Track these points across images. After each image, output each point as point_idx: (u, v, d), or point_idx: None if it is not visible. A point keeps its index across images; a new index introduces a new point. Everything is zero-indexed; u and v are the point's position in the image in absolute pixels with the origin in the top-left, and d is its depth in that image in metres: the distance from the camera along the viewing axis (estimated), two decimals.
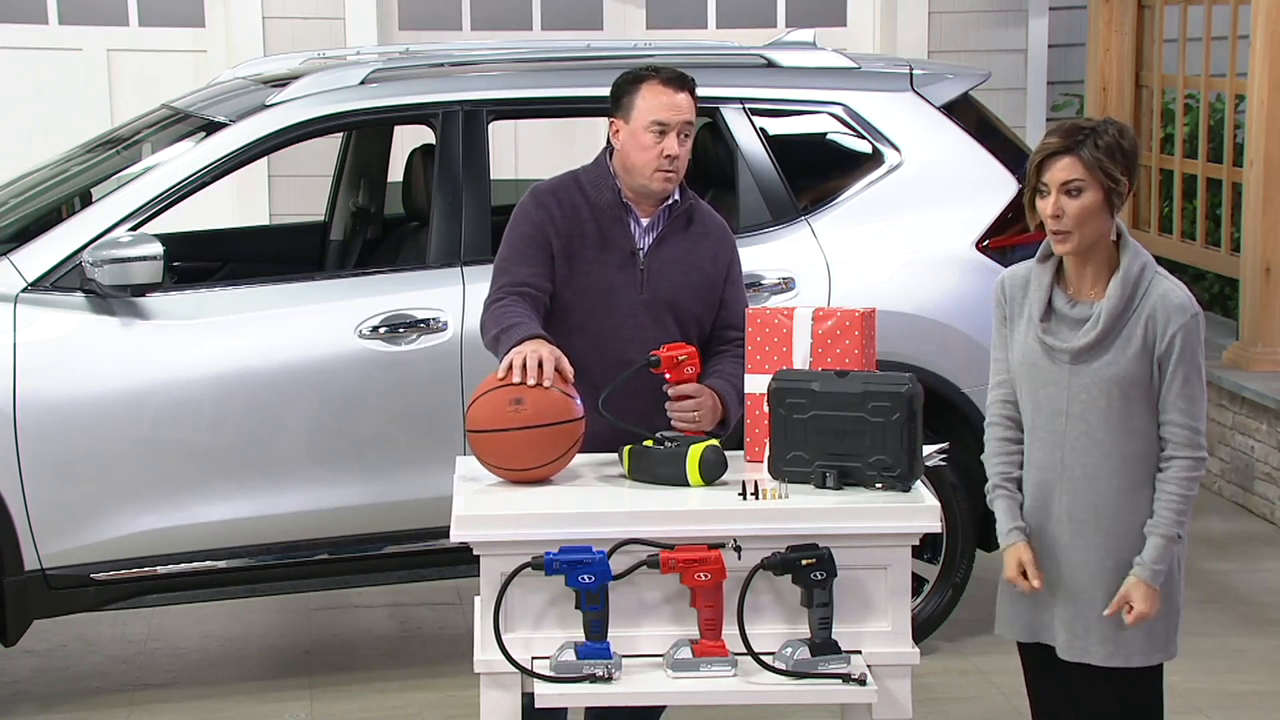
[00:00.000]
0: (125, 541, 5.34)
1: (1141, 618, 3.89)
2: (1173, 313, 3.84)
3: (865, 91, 6.04)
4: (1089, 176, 3.82)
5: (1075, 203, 3.82)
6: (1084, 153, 3.81)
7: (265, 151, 5.66)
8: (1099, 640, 3.94)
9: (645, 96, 4.41)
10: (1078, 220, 3.83)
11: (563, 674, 3.75)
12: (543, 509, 3.91)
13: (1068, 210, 3.83)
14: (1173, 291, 3.86)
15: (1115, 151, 3.83)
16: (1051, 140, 3.86)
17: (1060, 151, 3.83)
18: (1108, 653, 3.95)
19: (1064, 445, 3.93)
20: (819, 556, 3.81)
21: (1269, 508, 7.53)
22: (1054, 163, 3.84)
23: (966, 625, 6.09)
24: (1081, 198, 3.82)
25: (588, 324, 4.45)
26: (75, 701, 5.68)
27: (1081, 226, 3.83)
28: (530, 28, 9.68)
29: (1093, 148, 3.81)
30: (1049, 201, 3.84)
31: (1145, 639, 3.95)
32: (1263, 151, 7.70)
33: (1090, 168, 3.81)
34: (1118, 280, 3.86)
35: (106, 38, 9.31)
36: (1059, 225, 3.84)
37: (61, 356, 5.29)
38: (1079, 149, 3.82)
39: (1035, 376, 3.95)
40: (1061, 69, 9.73)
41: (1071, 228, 3.83)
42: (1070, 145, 3.83)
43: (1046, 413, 3.94)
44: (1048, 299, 3.94)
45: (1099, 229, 3.86)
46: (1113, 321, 3.85)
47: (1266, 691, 5.72)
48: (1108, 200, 3.84)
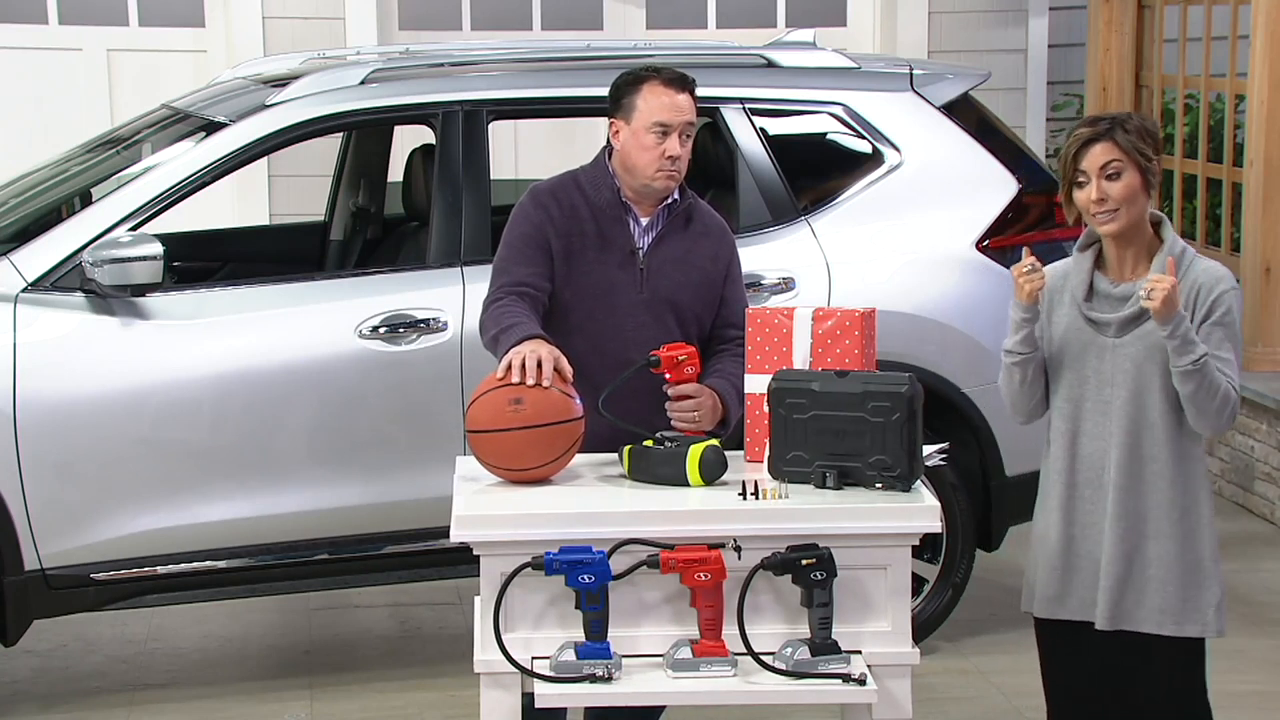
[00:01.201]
0: (125, 541, 5.34)
1: (1155, 286, 3.87)
2: (1215, 281, 3.98)
3: (865, 91, 6.04)
4: (1126, 157, 3.96)
5: (1117, 184, 3.96)
6: (1117, 136, 3.96)
7: (265, 151, 5.66)
8: (1153, 609, 4.02)
9: (646, 97, 4.41)
10: (1123, 199, 3.96)
11: (563, 674, 3.75)
12: (543, 509, 3.91)
13: (1111, 193, 3.96)
14: (1214, 266, 4.01)
15: (1144, 133, 3.98)
16: (1082, 131, 4.00)
17: (1093, 139, 3.97)
18: (1158, 621, 4.02)
19: (1111, 414, 4.03)
20: (819, 556, 3.81)
21: (1269, 508, 7.53)
22: (1089, 150, 3.98)
23: (966, 625, 6.09)
24: (1122, 179, 3.96)
25: (587, 324, 4.45)
26: (75, 701, 5.68)
27: (1127, 206, 3.96)
28: (530, 28, 9.68)
29: (1123, 131, 3.96)
30: (1090, 188, 3.97)
31: (1195, 610, 4.02)
32: (1263, 151, 7.70)
33: (1126, 150, 3.95)
34: (1161, 256, 3.99)
35: (106, 38, 9.31)
36: (1104, 207, 3.97)
37: (61, 356, 5.29)
38: (1111, 134, 3.97)
39: (1080, 352, 4.07)
40: (1061, 69, 9.73)
41: (1118, 206, 3.96)
42: (1101, 132, 3.98)
43: (1094, 384, 4.05)
44: (1089, 282, 4.07)
45: (1140, 209, 3.99)
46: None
47: (1266, 691, 5.72)
48: (1145, 180, 3.97)
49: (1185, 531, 4.02)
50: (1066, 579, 4.11)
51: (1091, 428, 4.07)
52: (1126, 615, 4.05)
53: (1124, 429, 4.02)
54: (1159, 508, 4.02)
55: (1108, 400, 4.03)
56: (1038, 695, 5.41)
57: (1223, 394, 3.92)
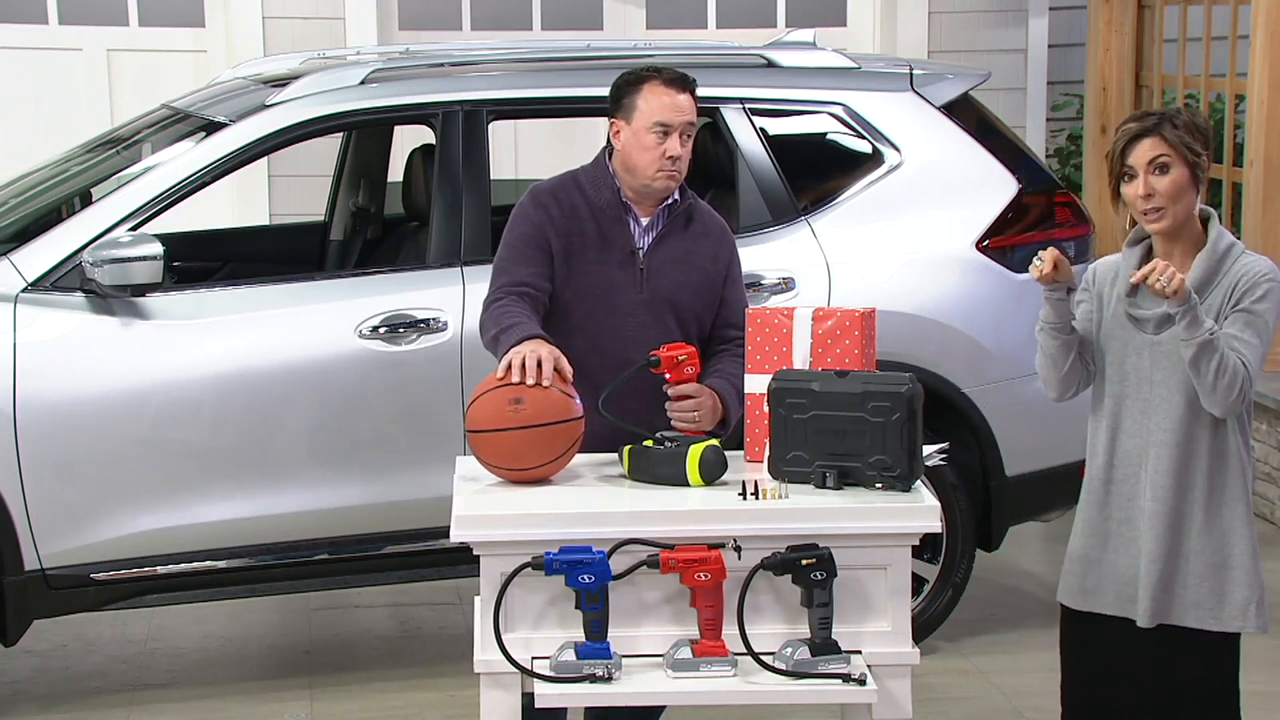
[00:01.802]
0: (125, 541, 5.34)
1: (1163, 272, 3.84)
2: (1258, 275, 3.96)
3: (865, 91, 6.04)
4: (1174, 153, 3.94)
5: (1165, 179, 3.94)
6: (1166, 131, 3.94)
7: (265, 151, 5.66)
8: (1193, 604, 4.03)
9: (647, 98, 4.41)
10: (1170, 196, 3.94)
11: (563, 674, 3.75)
12: (543, 509, 3.91)
13: (1158, 188, 3.94)
14: (1258, 260, 3.99)
15: (1193, 129, 3.95)
16: (1130, 125, 3.98)
17: (1142, 134, 3.95)
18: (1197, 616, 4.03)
19: (1151, 411, 4.03)
20: (819, 556, 3.81)
21: (1269, 508, 7.53)
22: (1137, 145, 3.96)
23: (966, 625, 6.09)
24: (1170, 173, 3.94)
25: (588, 324, 4.45)
26: (75, 701, 5.68)
27: (1174, 202, 3.94)
28: (530, 28, 9.68)
29: (1171, 127, 3.94)
30: (1138, 183, 3.95)
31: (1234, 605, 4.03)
32: (1263, 151, 7.70)
33: (1174, 145, 3.93)
34: (1204, 253, 3.98)
35: (106, 38, 9.31)
36: (1151, 204, 3.95)
37: (61, 356, 5.29)
38: (1160, 128, 3.94)
39: (1122, 347, 4.06)
40: (1061, 69, 9.73)
41: (1165, 204, 3.94)
42: (1150, 127, 3.95)
43: (1134, 381, 4.04)
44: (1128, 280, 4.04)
45: (1189, 206, 3.97)
46: (1197, 289, 3.94)
47: (1266, 691, 5.71)
48: (1193, 175, 3.95)
49: (1223, 528, 4.02)
50: (1103, 573, 4.12)
51: (1131, 425, 4.06)
52: (1167, 611, 4.06)
53: (1164, 426, 4.01)
54: (1198, 504, 4.02)
55: (1147, 398, 4.03)
56: (1038, 695, 5.41)
57: (1231, 372, 3.89)
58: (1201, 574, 4.03)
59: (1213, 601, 4.04)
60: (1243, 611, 4.04)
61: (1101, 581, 4.13)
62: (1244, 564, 4.04)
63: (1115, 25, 9.13)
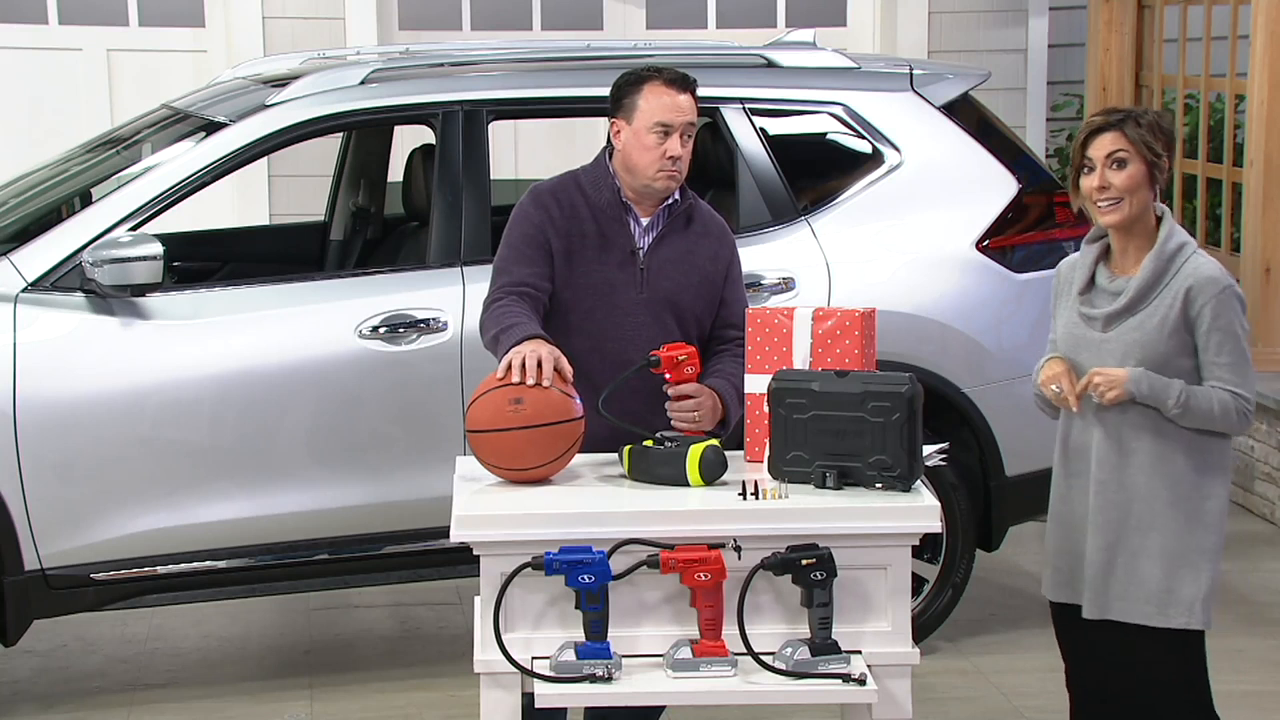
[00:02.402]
0: (125, 541, 5.34)
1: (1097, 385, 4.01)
2: (1204, 285, 4.02)
3: (865, 91, 6.04)
4: (1133, 149, 4.04)
5: (1121, 174, 4.05)
6: (1127, 128, 4.05)
7: (265, 151, 5.66)
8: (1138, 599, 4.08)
9: (648, 98, 4.41)
10: (1125, 189, 4.04)
11: (563, 674, 3.75)
12: (543, 509, 3.91)
13: (1114, 181, 4.05)
14: (1205, 266, 4.05)
15: (1156, 129, 4.06)
16: (1095, 119, 4.11)
17: (1104, 128, 4.07)
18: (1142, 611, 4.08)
19: (1093, 408, 4.10)
20: (819, 556, 3.81)
21: (1269, 508, 7.53)
22: (1098, 138, 4.08)
23: (966, 625, 6.09)
24: (1127, 169, 4.05)
25: (588, 324, 4.45)
26: (75, 701, 5.68)
27: (1130, 196, 4.05)
28: (530, 28, 9.68)
29: (1134, 124, 4.05)
30: (1095, 175, 4.06)
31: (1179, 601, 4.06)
32: (1263, 151, 7.70)
33: (1134, 141, 4.04)
34: (1153, 253, 4.06)
35: (106, 38, 9.31)
36: (1106, 195, 4.05)
37: (61, 356, 5.29)
38: (1122, 125, 4.06)
39: (1074, 344, 4.16)
40: (1061, 69, 9.73)
41: (1120, 196, 4.04)
42: (1113, 122, 4.07)
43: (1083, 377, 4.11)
44: (1090, 275, 4.16)
45: (1143, 202, 4.07)
46: (1142, 291, 4.06)
47: (1266, 691, 5.72)
48: (1150, 174, 4.05)
49: (1171, 523, 4.06)
50: (1072, 565, 4.20)
51: (1081, 421, 4.15)
52: (1110, 605, 4.12)
53: (1105, 423, 4.09)
54: (1142, 501, 4.07)
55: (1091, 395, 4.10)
56: (1038, 695, 5.42)
57: (1220, 409, 3.99)
58: (1147, 570, 4.08)
59: (1157, 597, 4.08)
60: (1187, 608, 4.07)
61: (1069, 573, 4.21)
62: (1193, 560, 4.07)
63: (1115, 25, 9.13)
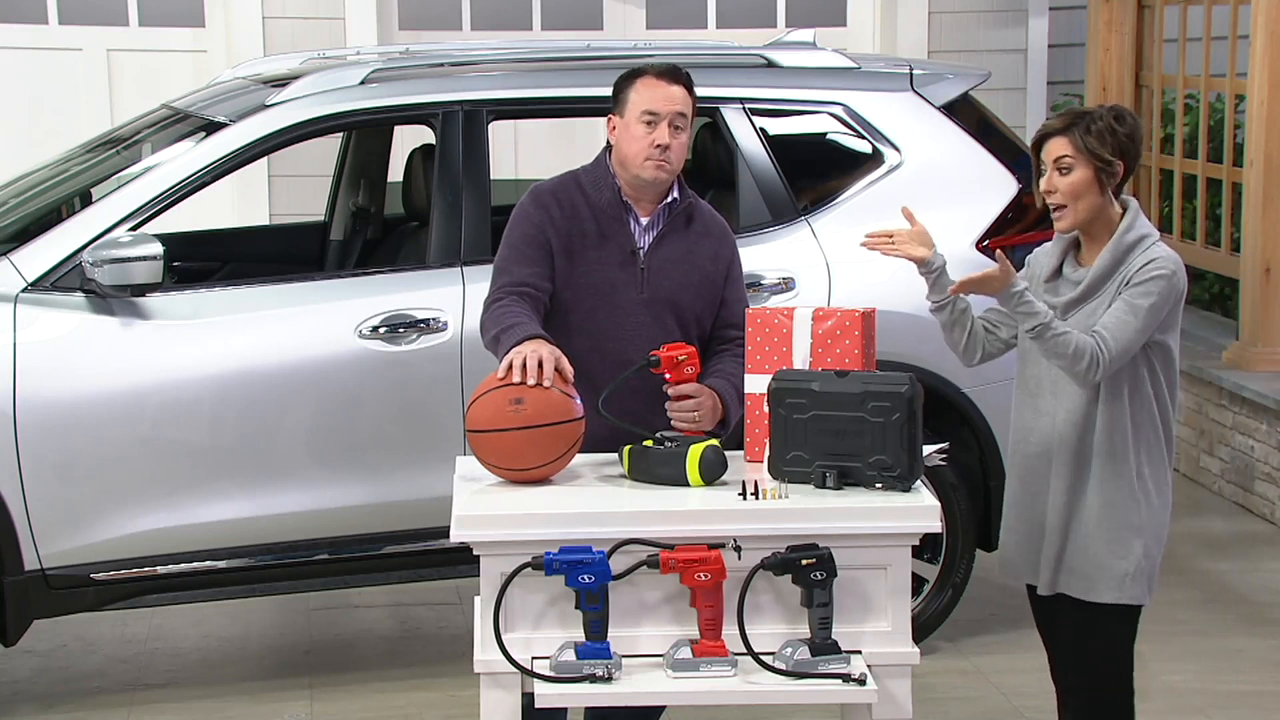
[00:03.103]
0: (125, 541, 5.34)
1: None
2: (1147, 266, 4.08)
3: (865, 91, 6.04)
4: (1079, 156, 4.10)
5: (1065, 179, 4.12)
6: (1074, 134, 4.11)
7: (265, 151, 5.66)
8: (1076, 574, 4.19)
9: (639, 90, 4.44)
10: (1069, 195, 4.12)
11: (563, 674, 3.75)
12: (543, 509, 3.91)
13: (1059, 186, 4.12)
14: (1159, 257, 4.10)
15: (1106, 134, 4.10)
16: (1051, 122, 4.18)
17: (1055, 132, 4.14)
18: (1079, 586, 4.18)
19: (1058, 392, 4.21)
20: (819, 556, 3.81)
21: (1269, 508, 7.53)
22: (1048, 142, 4.14)
23: (966, 625, 6.09)
24: (1071, 175, 4.11)
25: (588, 323, 4.45)
26: (75, 701, 5.68)
27: (1074, 201, 4.12)
28: (530, 28, 9.68)
29: (1084, 130, 4.11)
30: (1045, 179, 4.15)
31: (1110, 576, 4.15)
32: (1263, 151, 7.70)
33: (1080, 148, 4.09)
34: (1109, 245, 4.13)
35: (106, 38, 9.31)
36: (1053, 200, 4.14)
37: (61, 356, 5.29)
38: (1070, 130, 4.12)
39: None
40: (1061, 69, 9.73)
41: (1064, 202, 4.12)
42: (1064, 127, 4.14)
43: (1046, 364, 4.19)
44: (1058, 264, 4.23)
45: (1091, 207, 4.13)
46: (1096, 281, 4.14)
47: (1266, 691, 5.72)
48: (1098, 179, 4.10)
49: (1110, 499, 4.15)
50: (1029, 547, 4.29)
51: (1041, 403, 4.24)
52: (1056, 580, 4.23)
53: (1065, 406, 4.18)
54: (1094, 479, 4.15)
55: (1055, 378, 4.19)
56: (1038, 695, 5.41)
57: (1075, 348, 4.02)
58: (1084, 546, 4.17)
59: (1089, 571, 4.17)
60: (1116, 583, 4.15)
61: (1021, 553, 4.30)
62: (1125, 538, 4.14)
63: (1115, 25, 9.13)
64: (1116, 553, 4.15)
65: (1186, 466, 8.19)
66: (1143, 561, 4.16)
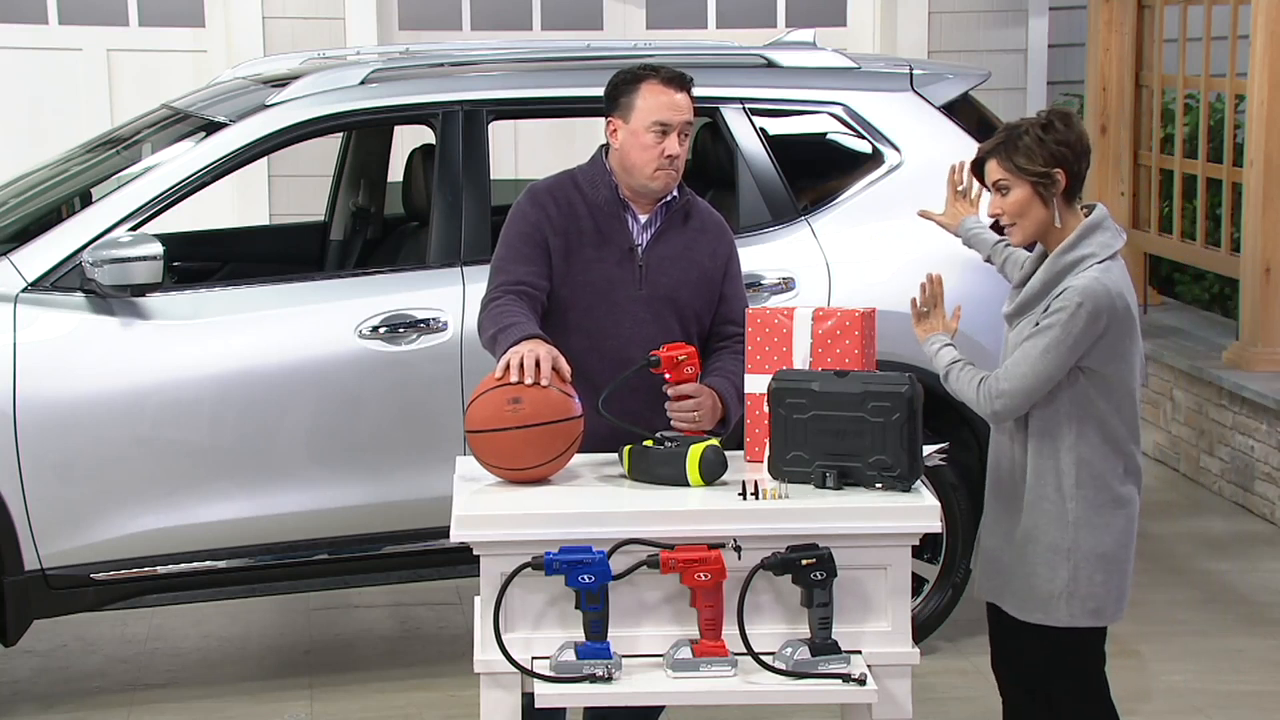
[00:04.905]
0: (125, 541, 5.34)
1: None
2: (1059, 298, 4.05)
3: (865, 91, 6.04)
4: (1011, 176, 4.09)
5: (1006, 200, 4.12)
6: (1000, 155, 4.09)
7: (265, 151, 5.66)
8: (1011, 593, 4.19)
9: (645, 97, 4.41)
10: (1013, 214, 4.12)
11: (563, 674, 3.76)
12: (543, 509, 3.91)
13: (1004, 207, 4.13)
14: (1071, 288, 4.04)
15: (1035, 147, 4.06)
16: (984, 144, 4.17)
17: (987, 155, 4.14)
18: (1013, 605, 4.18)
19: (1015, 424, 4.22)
20: (819, 556, 3.81)
21: (1269, 508, 7.53)
22: (985, 166, 4.15)
23: (966, 625, 6.09)
24: (1010, 195, 4.11)
25: (586, 322, 4.45)
26: (75, 701, 5.68)
27: (1020, 219, 4.12)
28: (530, 28, 9.69)
29: (1011, 150, 4.08)
30: (990, 201, 4.18)
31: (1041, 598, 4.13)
32: (1263, 151, 7.70)
33: (1009, 169, 4.08)
34: (1046, 263, 4.14)
35: (106, 38, 9.32)
36: (1003, 221, 4.16)
37: (61, 356, 5.29)
38: (997, 152, 4.10)
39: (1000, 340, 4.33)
40: (1061, 69, 9.74)
41: (1012, 221, 4.13)
42: (993, 149, 4.12)
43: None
44: (1028, 273, 4.21)
45: (1038, 220, 4.12)
46: (1027, 301, 4.15)
47: (1266, 691, 5.72)
48: (1038, 193, 4.08)
49: (1041, 519, 4.12)
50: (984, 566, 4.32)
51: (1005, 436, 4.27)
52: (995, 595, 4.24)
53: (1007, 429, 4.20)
54: (1027, 495, 4.14)
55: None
56: None
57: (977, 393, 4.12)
58: (1014, 565, 4.17)
59: (1021, 592, 4.16)
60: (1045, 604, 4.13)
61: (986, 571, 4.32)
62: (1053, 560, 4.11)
63: (1115, 25, 9.13)
64: (1043, 575, 4.12)
65: (1186, 466, 8.19)
66: (1073, 585, 4.10)
